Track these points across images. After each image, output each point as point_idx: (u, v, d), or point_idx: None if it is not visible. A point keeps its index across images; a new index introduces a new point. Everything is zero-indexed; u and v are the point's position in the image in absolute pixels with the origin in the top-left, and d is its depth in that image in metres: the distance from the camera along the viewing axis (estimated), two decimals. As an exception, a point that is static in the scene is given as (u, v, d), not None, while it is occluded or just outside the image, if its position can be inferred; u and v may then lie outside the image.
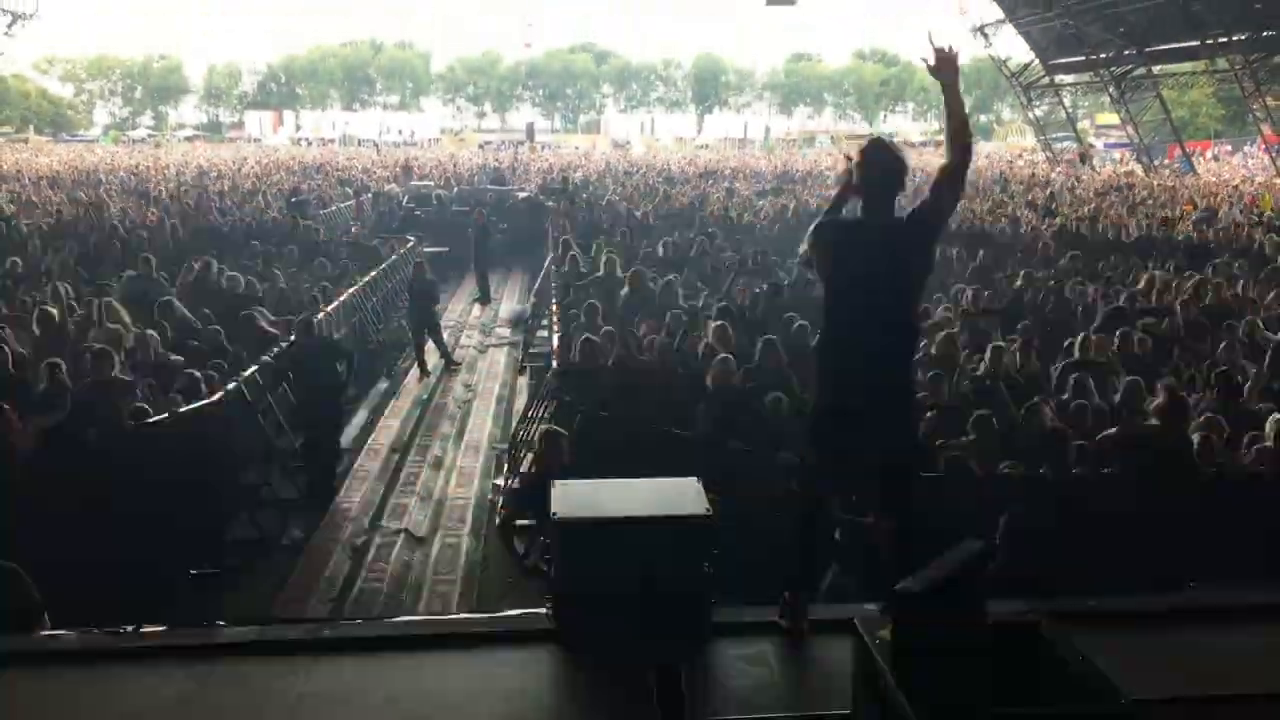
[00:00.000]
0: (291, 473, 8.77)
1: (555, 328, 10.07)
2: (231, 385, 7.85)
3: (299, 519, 8.14)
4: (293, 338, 9.05)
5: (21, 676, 3.29)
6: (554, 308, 10.95)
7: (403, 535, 7.94)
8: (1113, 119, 52.88)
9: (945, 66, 3.65)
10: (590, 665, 3.43)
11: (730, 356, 7.19)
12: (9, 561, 3.91)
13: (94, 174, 30.76)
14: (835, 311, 3.66)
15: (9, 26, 39.14)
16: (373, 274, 14.21)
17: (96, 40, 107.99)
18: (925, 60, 3.58)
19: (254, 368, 8.46)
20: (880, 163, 3.62)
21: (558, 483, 3.89)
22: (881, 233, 3.58)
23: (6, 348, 7.41)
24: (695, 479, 3.84)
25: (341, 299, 12.07)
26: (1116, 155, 54.54)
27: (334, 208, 22.89)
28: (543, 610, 3.67)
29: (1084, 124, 78.51)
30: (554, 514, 3.59)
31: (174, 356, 8.12)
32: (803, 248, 3.82)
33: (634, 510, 3.59)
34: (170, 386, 7.49)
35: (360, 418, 11.13)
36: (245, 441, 8.30)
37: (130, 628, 3.58)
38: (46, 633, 3.81)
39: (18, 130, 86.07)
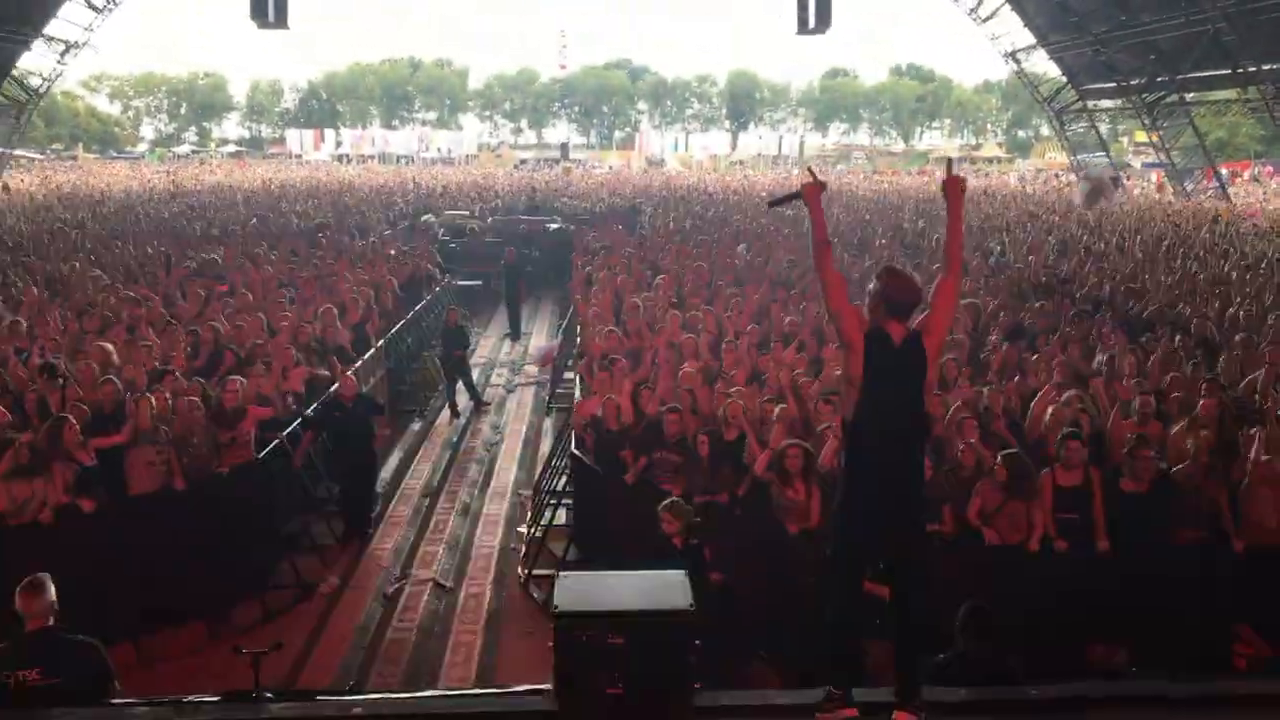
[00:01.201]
0: (329, 519, 9.40)
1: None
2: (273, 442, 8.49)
3: (336, 565, 8.75)
4: (333, 389, 9.71)
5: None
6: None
7: (431, 584, 8.52)
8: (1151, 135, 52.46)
9: (954, 189, 4.27)
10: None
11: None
12: (87, 637, 4.51)
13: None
14: (862, 420, 4.05)
15: (62, 55, 40.55)
16: (407, 317, 14.86)
17: (143, 58, 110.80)
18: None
19: (296, 421, 9.10)
20: (903, 287, 4.12)
21: (562, 574, 4.42)
22: (906, 353, 4.05)
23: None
24: (682, 572, 4.36)
25: (379, 343, 12.72)
26: (1153, 176, 54.30)
27: (372, 238, 23.66)
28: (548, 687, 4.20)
29: (1122, 140, 78.21)
30: (555, 608, 4.12)
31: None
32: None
33: (623, 604, 4.11)
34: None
35: (394, 460, 11.76)
36: (285, 491, 8.94)
37: (189, 699, 4.16)
38: (118, 701, 4.39)
39: (66, 147, 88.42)
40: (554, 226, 26.63)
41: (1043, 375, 8.92)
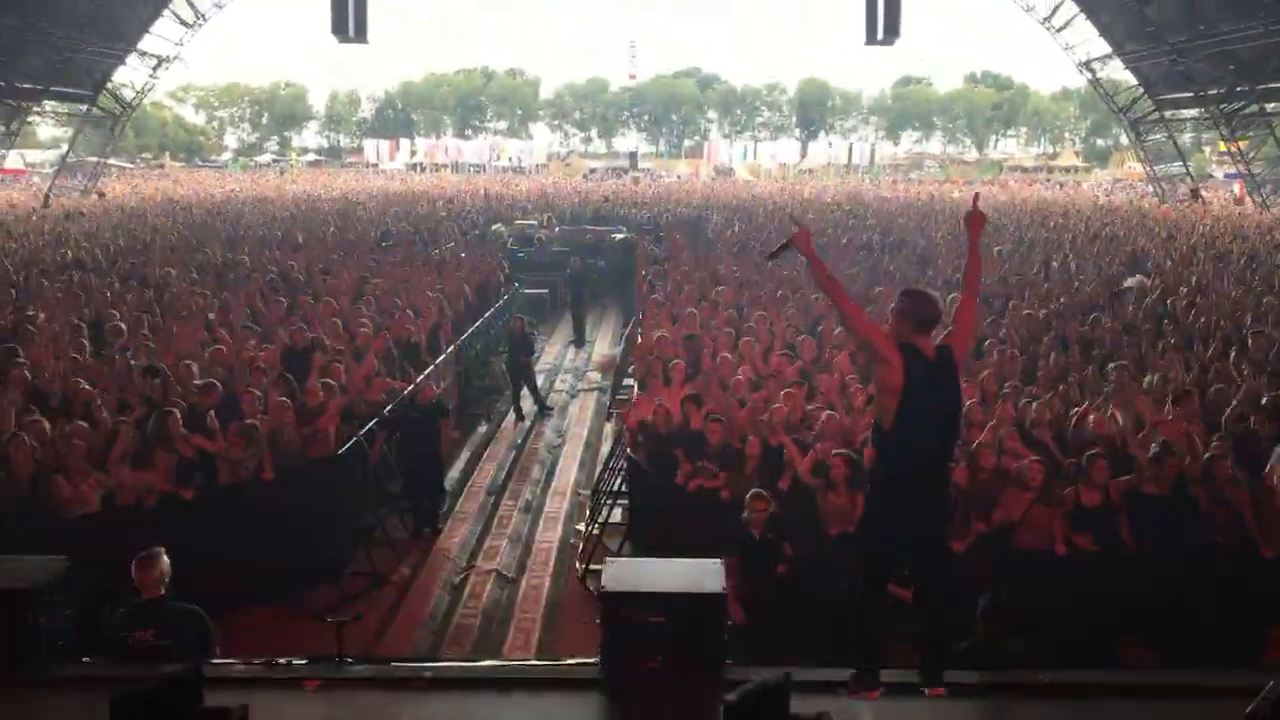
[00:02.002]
0: (401, 514, 10.03)
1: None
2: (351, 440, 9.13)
3: (408, 557, 9.35)
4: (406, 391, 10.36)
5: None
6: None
7: (494, 575, 9.07)
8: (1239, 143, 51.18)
9: (976, 223, 4.75)
10: (629, 709, 4.41)
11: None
12: (191, 604, 5.12)
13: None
14: (902, 429, 4.40)
15: (154, 69, 42.43)
16: (476, 325, 15.53)
17: (227, 69, 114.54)
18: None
19: (373, 421, 9.73)
20: (927, 306, 4.49)
21: (610, 560, 4.90)
22: (940, 365, 4.45)
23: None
24: (718, 560, 4.81)
25: (449, 349, 13.38)
26: (1236, 187, 53.05)
27: (450, 244, 24.49)
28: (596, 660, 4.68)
29: (1205, 150, 76.29)
30: (603, 588, 4.60)
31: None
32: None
33: (663, 587, 4.57)
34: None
35: (462, 460, 12.37)
36: (360, 486, 9.57)
37: (281, 660, 4.72)
38: (217, 660, 4.98)
39: (155, 156, 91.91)
40: (619, 236, 27.24)
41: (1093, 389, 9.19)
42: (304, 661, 4.74)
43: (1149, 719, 4.36)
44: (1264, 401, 8.56)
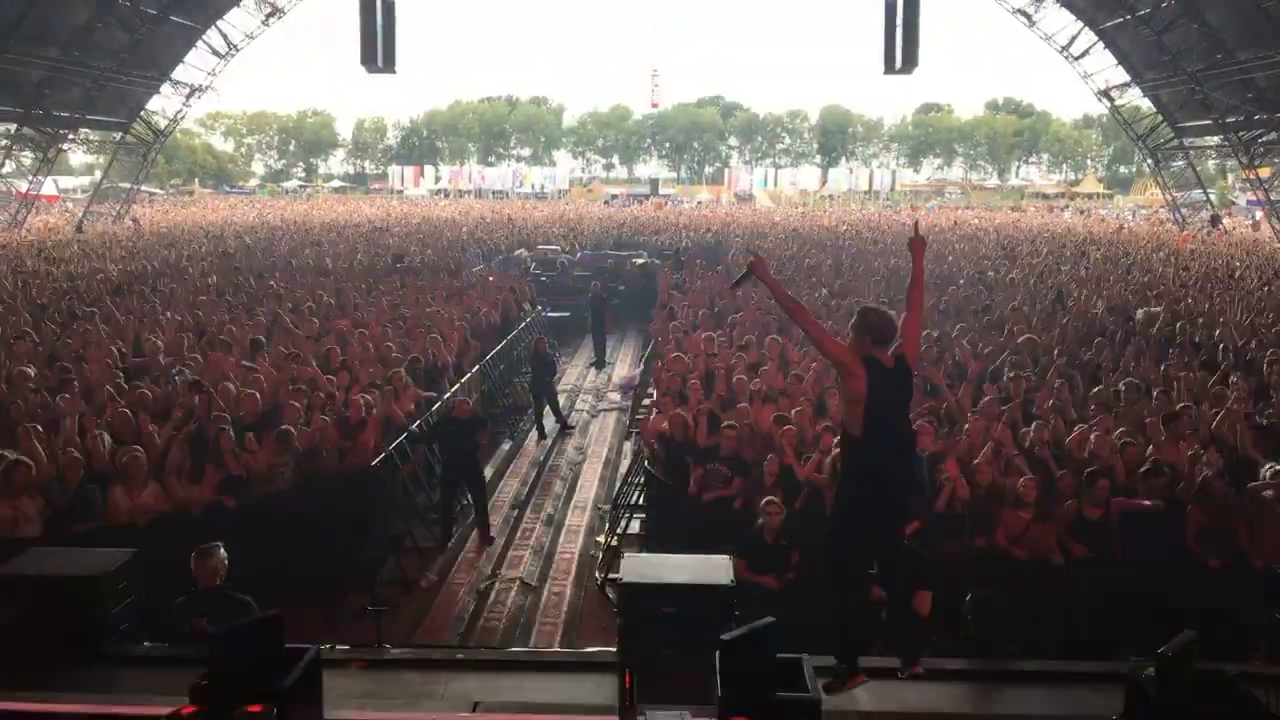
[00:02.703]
0: (429, 524, 10.48)
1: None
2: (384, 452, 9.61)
3: (435, 564, 9.80)
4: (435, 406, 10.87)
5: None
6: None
7: (518, 583, 9.49)
8: (1260, 171, 51.12)
9: (918, 247, 5.16)
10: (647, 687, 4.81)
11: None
12: (243, 595, 5.58)
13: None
14: (871, 431, 4.87)
15: (187, 98, 43.51)
16: (500, 346, 16.04)
17: (255, 97, 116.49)
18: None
19: (403, 436, 10.21)
20: (884, 323, 5.00)
21: (627, 554, 5.32)
22: (898, 373, 4.96)
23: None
24: (727, 556, 5.23)
25: (474, 369, 13.88)
26: (1258, 214, 53.07)
27: (479, 268, 25.17)
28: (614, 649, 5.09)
29: (1229, 178, 76.19)
30: (621, 578, 5.02)
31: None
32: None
33: (678, 578, 4.99)
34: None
35: (487, 475, 12.78)
36: (391, 498, 10.04)
37: (328, 645, 5.16)
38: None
39: (184, 183, 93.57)
40: (640, 261, 27.75)
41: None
42: (347, 646, 5.19)
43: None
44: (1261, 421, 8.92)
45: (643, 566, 5.19)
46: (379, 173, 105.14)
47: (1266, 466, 7.67)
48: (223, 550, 5.54)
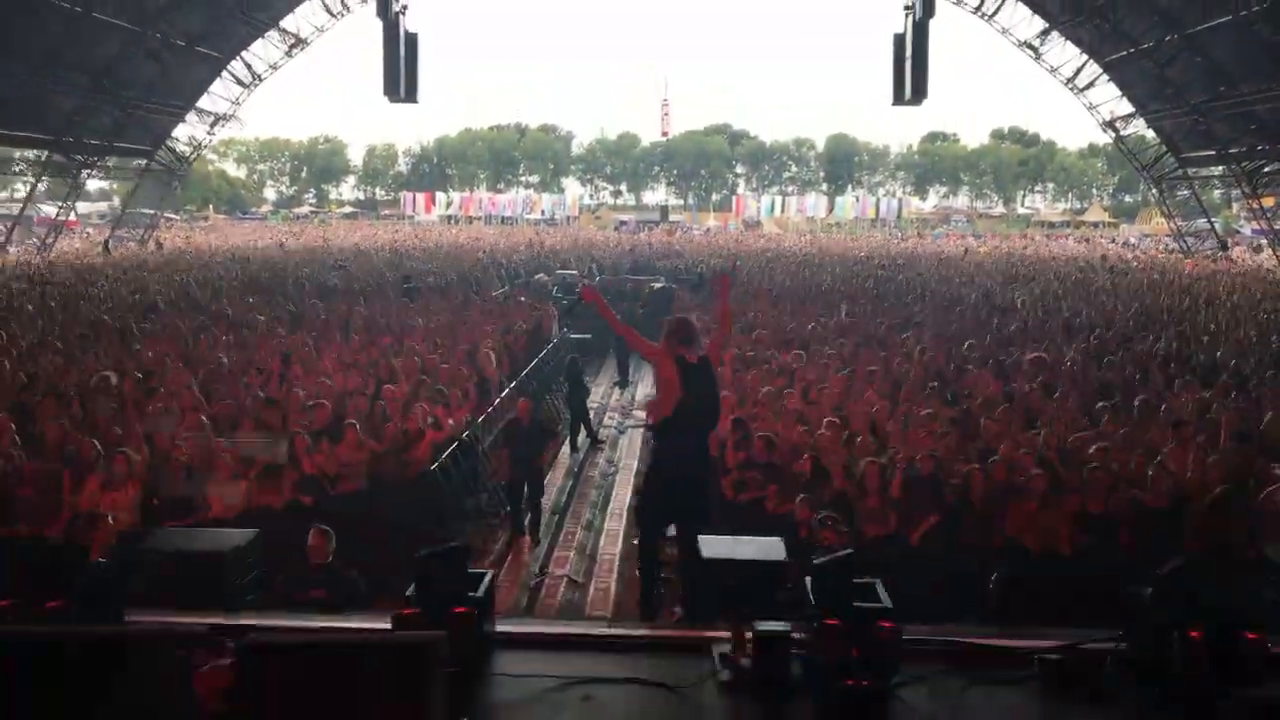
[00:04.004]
0: (485, 526, 11.20)
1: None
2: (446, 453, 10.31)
3: (487, 563, 10.45)
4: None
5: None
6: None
7: (565, 580, 10.14)
8: (1265, 200, 51.80)
9: (725, 284, 6.93)
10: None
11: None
12: (349, 573, 6.25)
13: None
14: (681, 415, 6.26)
15: (212, 126, 44.56)
16: (534, 363, 16.76)
17: (268, 123, 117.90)
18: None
19: (453, 445, 10.90)
20: (687, 328, 6.48)
21: (703, 538, 6.01)
22: (702, 368, 6.37)
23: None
24: (780, 538, 5.91)
25: (511, 385, 14.58)
26: (1263, 242, 53.78)
27: (500, 291, 25.96)
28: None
29: (1234, 207, 76.84)
30: (702, 554, 5.69)
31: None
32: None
33: (740, 555, 5.65)
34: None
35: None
36: (447, 500, 10.72)
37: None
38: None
39: (199, 209, 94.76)
40: (658, 285, 28.47)
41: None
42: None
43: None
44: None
45: (715, 545, 5.87)
46: (390, 199, 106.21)
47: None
48: (331, 534, 6.23)
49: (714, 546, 5.81)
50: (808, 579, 3.58)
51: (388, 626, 3.57)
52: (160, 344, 13.90)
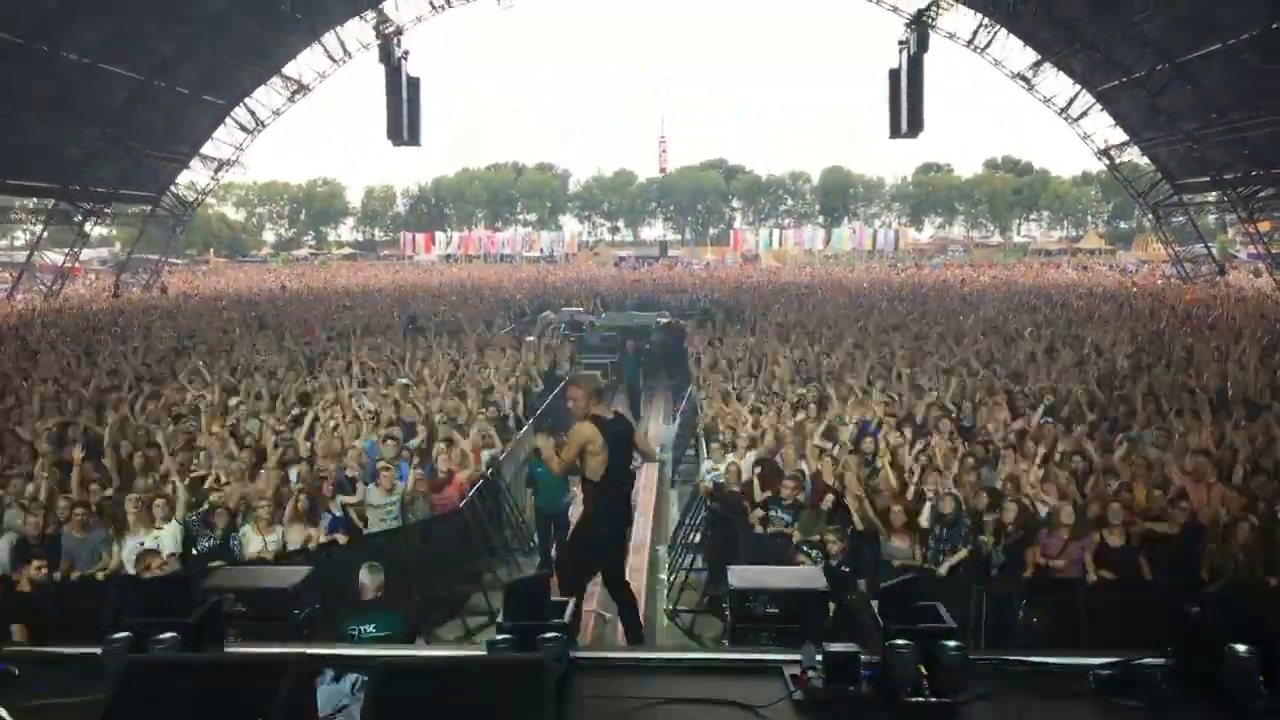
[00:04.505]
0: (507, 562, 11.32)
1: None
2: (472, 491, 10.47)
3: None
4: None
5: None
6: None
7: (594, 615, 10.24)
8: (1261, 225, 52.18)
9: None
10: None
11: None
12: (398, 609, 6.41)
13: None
14: (612, 477, 6.80)
15: (215, 172, 45.02)
16: (549, 400, 16.95)
17: (267, 167, 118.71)
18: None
19: (476, 486, 11.07)
20: (595, 389, 7.09)
21: (733, 568, 6.15)
22: (623, 422, 7.04)
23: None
24: (819, 567, 6.07)
25: (529, 421, 14.78)
26: (1261, 267, 54.19)
27: (509, 330, 26.22)
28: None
29: (1229, 232, 77.38)
30: (731, 585, 5.83)
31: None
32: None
33: (775, 585, 5.81)
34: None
35: (545, 521, 13.64)
36: (472, 538, 10.88)
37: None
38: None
39: (200, 253, 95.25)
40: (664, 320, 28.75)
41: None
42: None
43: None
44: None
45: (748, 575, 6.00)
46: (388, 239, 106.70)
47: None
48: (379, 572, 6.40)
49: (746, 576, 5.96)
50: (873, 601, 3.75)
51: (483, 653, 3.75)
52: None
